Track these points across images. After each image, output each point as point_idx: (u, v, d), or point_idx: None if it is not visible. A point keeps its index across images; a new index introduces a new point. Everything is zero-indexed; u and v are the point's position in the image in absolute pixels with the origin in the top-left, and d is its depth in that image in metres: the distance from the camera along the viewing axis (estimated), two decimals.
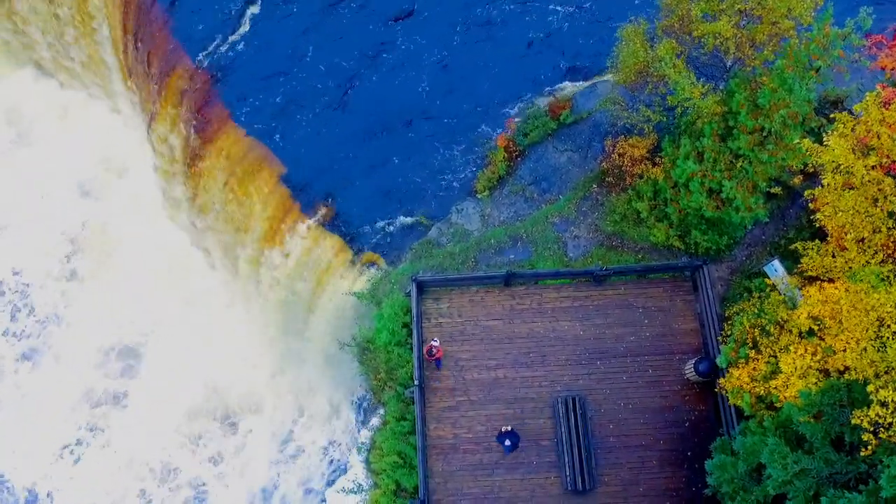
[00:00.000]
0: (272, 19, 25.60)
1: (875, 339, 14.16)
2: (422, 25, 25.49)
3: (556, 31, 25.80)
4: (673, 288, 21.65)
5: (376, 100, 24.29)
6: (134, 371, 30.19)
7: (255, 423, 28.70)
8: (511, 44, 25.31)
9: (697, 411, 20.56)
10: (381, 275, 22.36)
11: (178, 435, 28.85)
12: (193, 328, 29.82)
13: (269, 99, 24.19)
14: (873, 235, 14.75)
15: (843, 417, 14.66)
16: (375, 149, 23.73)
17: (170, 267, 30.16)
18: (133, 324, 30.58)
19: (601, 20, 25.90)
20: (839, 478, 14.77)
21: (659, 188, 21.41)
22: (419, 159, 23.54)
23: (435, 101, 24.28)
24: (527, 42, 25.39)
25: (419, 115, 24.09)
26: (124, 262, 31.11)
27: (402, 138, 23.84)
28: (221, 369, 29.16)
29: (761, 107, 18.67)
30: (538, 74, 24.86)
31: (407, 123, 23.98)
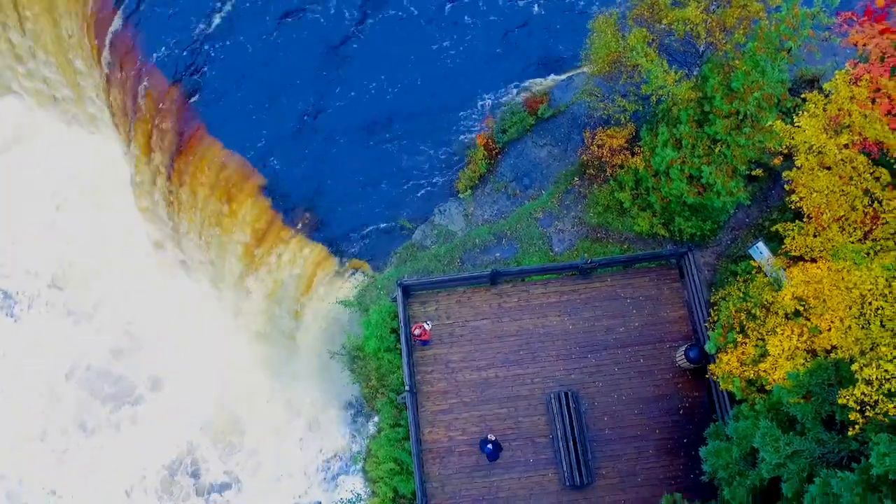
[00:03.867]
0: (241, 31, 25.42)
1: (859, 317, 14.12)
2: (391, 28, 25.37)
3: (530, 26, 25.71)
4: (659, 276, 21.61)
5: (351, 106, 24.18)
6: (120, 397, 30.00)
7: (248, 441, 28.57)
8: (484, 41, 25.21)
9: (691, 398, 20.54)
10: (366, 281, 22.29)
11: (175, 462, 28.76)
12: (178, 345, 29.68)
13: (244, 110, 24.06)
14: (851, 213, 14.72)
15: (832, 397, 14.62)
16: (354, 154, 23.63)
17: (153, 287, 30.01)
18: (114, 347, 30.34)
19: (573, 12, 25.84)
20: (831, 457, 14.75)
21: (640, 177, 21.35)
22: (398, 163, 23.46)
23: (410, 103, 24.18)
24: (500, 38, 25.29)
25: (395, 118, 23.99)
26: (103, 286, 30.91)
27: (380, 142, 23.76)
28: (211, 387, 29.00)
29: (735, 90, 18.61)
30: (513, 70, 24.76)
31: (383, 127, 23.88)
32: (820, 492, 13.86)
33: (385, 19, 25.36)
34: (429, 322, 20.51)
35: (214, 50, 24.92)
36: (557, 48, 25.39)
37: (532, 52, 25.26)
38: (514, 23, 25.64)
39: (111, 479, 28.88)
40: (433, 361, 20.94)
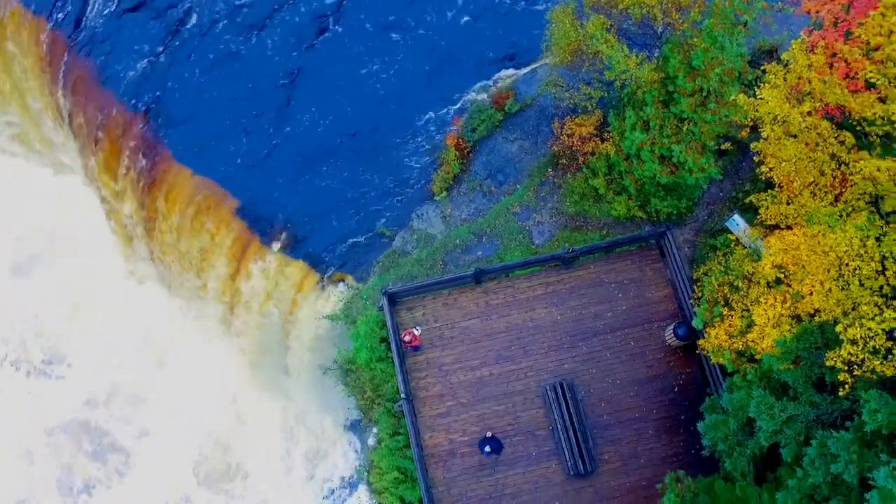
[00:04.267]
0: (197, 57, 25.24)
1: (838, 279, 14.35)
2: (353, 41, 25.33)
3: (489, 22, 25.80)
4: (641, 258, 21.79)
5: (317, 120, 24.09)
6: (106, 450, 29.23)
7: (249, 466, 28.20)
8: (444, 43, 25.26)
9: (684, 375, 20.73)
10: (351, 293, 22.19)
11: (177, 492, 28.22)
12: (162, 385, 29.04)
13: (209, 135, 23.87)
14: (820, 178, 14.96)
15: (820, 359, 14.86)
16: (326, 168, 23.54)
17: (136, 318, 29.52)
18: (94, 397, 29.53)
19: (531, 4, 25.97)
20: (826, 418, 14.98)
21: (612, 162, 21.52)
22: (371, 171, 23.42)
23: (377, 111, 24.16)
24: (460, 38, 25.36)
25: (364, 128, 23.95)
26: (89, 321, 30.32)
27: (350, 153, 23.70)
28: (202, 424, 28.48)
29: (697, 68, 18.84)
30: (477, 68, 24.84)
31: (353, 139, 23.82)
32: (818, 453, 14.07)
33: (346, 33, 25.33)
34: (418, 327, 20.48)
35: (172, 78, 24.70)
36: (518, 43, 25.53)
37: (494, 49, 25.39)
38: (471, 23, 25.73)
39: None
40: (426, 366, 20.91)
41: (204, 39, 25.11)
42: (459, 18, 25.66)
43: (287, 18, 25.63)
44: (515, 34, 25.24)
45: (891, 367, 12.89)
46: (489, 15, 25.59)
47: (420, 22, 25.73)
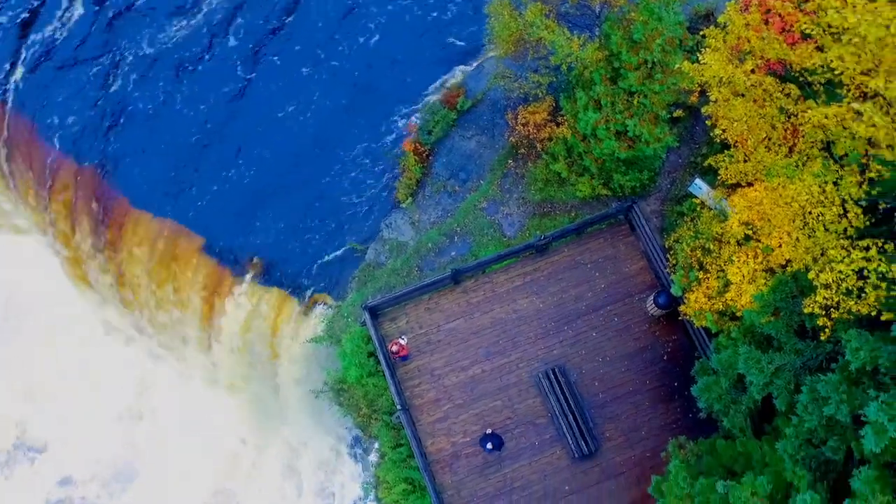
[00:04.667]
0: (139, 95, 24.87)
1: (803, 228, 14.70)
2: (290, 62, 25.21)
3: (429, 25, 25.88)
4: (612, 235, 22.03)
5: (270, 144, 23.93)
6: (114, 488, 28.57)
7: (255, 499, 27.80)
8: (386, 51, 25.27)
9: (671, 342, 21.02)
10: (331, 312, 22.02)
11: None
12: (156, 436, 28.39)
13: (162, 175, 23.55)
14: (772, 133, 15.30)
15: (798, 308, 15.19)
16: (287, 191, 23.37)
17: (114, 377, 28.75)
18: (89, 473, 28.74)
19: (466, 6, 26.11)
20: (811, 363, 15.31)
21: (570, 145, 21.71)
22: (333, 189, 23.31)
23: (329, 130, 24.08)
24: (402, 44, 25.39)
25: (318, 146, 23.85)
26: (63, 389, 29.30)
27: (309, 175, 23.56)
28: (203, 467, 27.92)
29: (638, 41, 19.09)
30: (423, 71, 24.90)
31: (309, 160, 23.69)
32: (809, 398, 14.38)
33: (287, 57, 25.22)
34: (403, 337, 20.41)
35: (115, 125, 24.30)
36: (461, 40, 25.66)
37: (437, 51, 25.49)
38: (412, 28, 25.79)
39: None
40: (417, 374, 20.85)
41: (141, 84, 24.84)
42: (403, 28, 25.74)
43: (224, 53, 25.48)
44: (457, 34, 25.36)
45: (865, 305, 13.24)
46: (430, 20, 25.68)
47: (363, 36, 25.74)
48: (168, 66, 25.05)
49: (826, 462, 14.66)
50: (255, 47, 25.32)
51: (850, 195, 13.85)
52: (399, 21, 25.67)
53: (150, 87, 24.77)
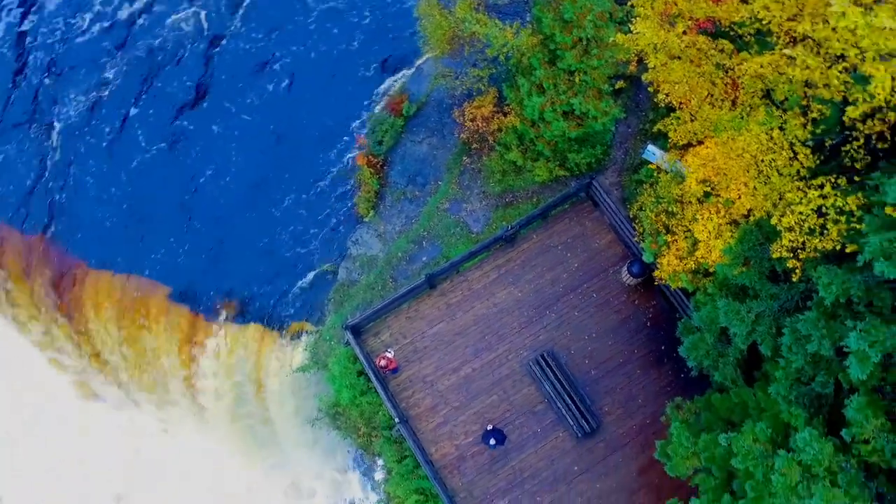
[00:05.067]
0: (78, 157, 24.27)
1: (758, 176, 15.04)
2: (230, 98, 24.92)
3: (360, 38, 25.82)
4: (577, 214, 22.25)
5: (220, 182, 23.65)
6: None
7: None
8: (322, 70, 25.14)
9: (651, 308, 21.33)
10: (314, 339, 21.78)
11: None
12: (159, 478, 27.68)
13: (115, 231, 23.05)
14: (713, 89, 15.63)
15: (767, 254, 15.55)
16: (246, 227, 23.09)
17: (102, 445, 27.76)
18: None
19: (396, 7, 26.11)
20: (788, 305, 15.70)
21: (521, 133, 21.86)
22: (293, 218, 23.10)
23: (279, 158, 23.89)
24: (336, 61, 25.29)
25: (271, 180, 23.61)
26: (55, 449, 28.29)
27: (266, 209, 23.35)
28: None
29: (570, 20, 19.32)
30: (363, 84, 24.83)
31: (263, 193, 23.46)
32: (792, 339, 14.76)
33: (226, 91, 24.96)
34: (390, 350, 20.28)
35: (57, 188, 23.69)
36: (395, 47, 25.66)
37: (373, 62, 25.45)
38: (343, 43, 25.70)
39: None
40: (410, 384, 20.76)
41: (76, 141, 24.28)
42: (336, 46, 25.66)
43: (166, 88, 25.02)
44: (391, 40, 25.37)
45: (829, 241, 13.62)
46: (362, 32, 25.65)
47: (303, 55, 25.58)
48: (97, 131, 24.55)
49: (818, 397, 15.06)
50: (196, 95, 25.01)
51: (797, 137, 14.23)
52: (327, 43, 25.64)
53: (90, 145, 24.25)
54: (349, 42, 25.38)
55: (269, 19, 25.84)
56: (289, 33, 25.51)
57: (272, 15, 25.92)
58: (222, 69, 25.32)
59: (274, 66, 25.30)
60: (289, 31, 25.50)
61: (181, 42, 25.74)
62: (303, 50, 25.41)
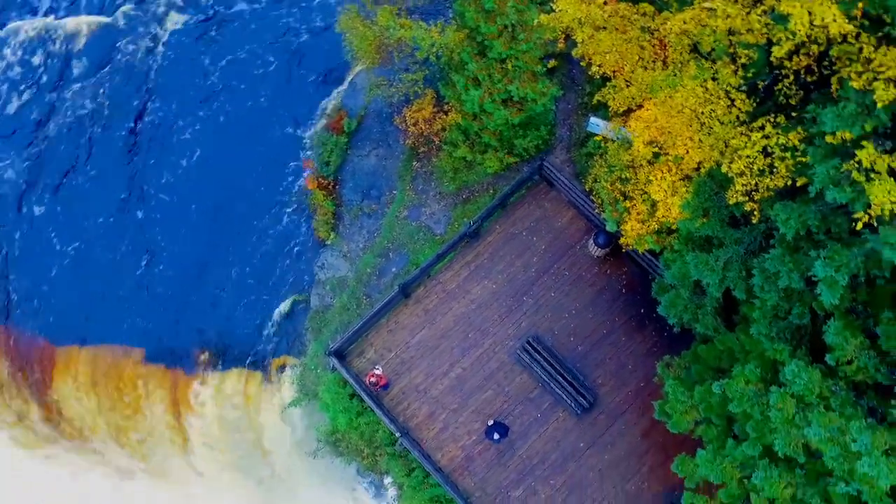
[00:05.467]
0: (18, 233, 23.47)
1: (701, 129, 15.41)
2: (166, 144, 24.45)
3: (288, 62, 25.58)
4: (535, 197, 22.45)
5: (171, 232, 23.17)
6: None
7: None
8: (256, 98, 24.83)
9: (624, 275, 21.66)
10: (299, 371, 21.49)
11: None
12: None
13: (73, 301, 22.37)
14: (643, 52, 15.96)
15: (723, 202, 15.95)
16: (205, 274, 22.72)
17: None
18: None
19: (317, 25, 25.94)
20: (753, 247, 16.14)
21: (465, 128, 21.94)
22: (253, 256, 22.86)
23: (228, 193, 23.46)
24: (268, 88, 25.00)
25: (224, 214, 23.27)
26: None
27: (224, 252, 22.99)
28: None
29: (492, 10, 19.44)
30: (298, 111, 24.62)
31: (217, 238, 23.11)
32: (762, 279, 15.18)
33: (160, 138, 24.49)
34: (377, 367, 20.14)
35: (10, 264, 22.80)
36: (324, 65, 25.49)
37: (305, 83, 25.25)
38: (271, 69, 25.44)
39: None
40: (403, 396, 20.65)
41: (12, 215, 23.44)
42: (259, 85, 25.41)
43: (105, 139, 24.44)
44: (319, 63, 25.21)
45: (779, 178, 14.04)
46: (284, 63, 25.44)
47: (224, 93, 25.21)
48: (48, 185, 23.81)
49: (797, 329, 15.53)
50: (140, 135, 24.41)
51: (731, 85, 14.61)
52: (258, 73, 25.37)
53: (30, 216, 23.47)
54: (272, 78, 25.16)
55: (171, 88, 25.32)
56: (205, 93, 25.04)
57: (174, 83, 25.38)
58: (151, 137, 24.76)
59: (197, 128, 24.80)
60: (204, 92, 25.04)
61: (83, 126, 24.97)
62: (227, 101, 25.05)
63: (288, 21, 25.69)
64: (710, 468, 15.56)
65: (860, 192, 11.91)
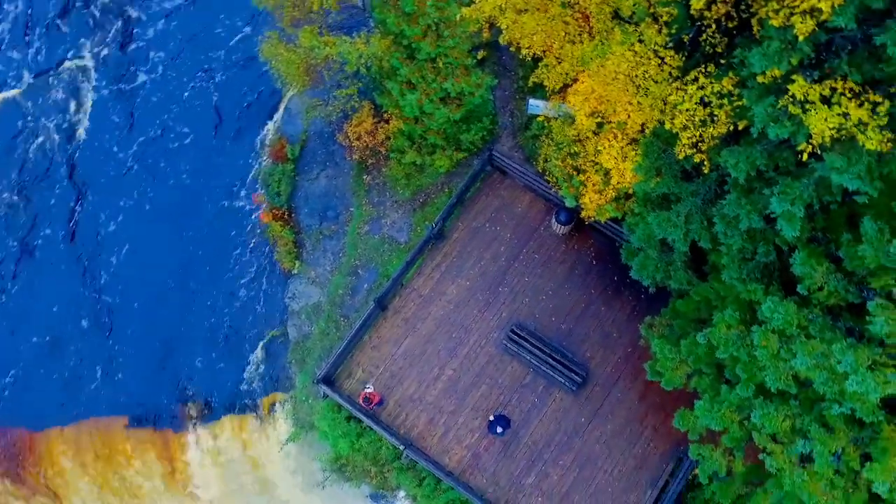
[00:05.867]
0: None
1: (638, 91, 15.67)
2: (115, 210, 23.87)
3: (221, 99, 25.21)
4: (490, 188, 22.52)
5: (135, 290, 22.57)
6: None
7: None
8: (191, 155, 24.45)
9: (591, 247, 21.91)
10: (290, 405, 21.18)
11: None
12: None
13: (46, 383, 21.67)
14: (567, 28, 16.15)
15: (672, 157, 16.24)
16: (178, 332, 22.27)
17: None
18: None
19: (237, 62, 25.63)
20: (709, 196, 16.47)
21: (408, 133, 21.90)
22: (221, 302, 22.54)
23: (186, 249, 23.07)
24: (208, 133, 24.64)
25: (186, 271, 22.86)
26: None
27: (190, 305, 22.54)
28: None
29: (412, 12, 19.48)
30: (236, 151, 24.28)
31: (180, 285, 22.66)
32: (723, 225, 15.51)
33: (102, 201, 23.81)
34: (368, 385, 19.97)
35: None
36: (253, 102, 25.20)
37: (238, 121, 24.90)
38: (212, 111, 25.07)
39: None
40: (399, 408, 20.52)
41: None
42: (208, 112, 24.99)
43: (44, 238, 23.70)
44: (247, 92, 24.87)
45: (721, 125, 14.36)
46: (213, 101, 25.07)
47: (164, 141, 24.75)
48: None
49: (766, 267, 15.92)
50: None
51: (658, 44, 14.88)
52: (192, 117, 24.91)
53: None
54: (199, 132, 24.75)
55: (79, 180, 24.65)
56: (130, 177, 24.50)
57: (84, 173, 24.71)
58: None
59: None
60: (128, 177, 24.49)
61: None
62: (166, 162, 24.60)
63: (205, 65, 25.30)
64: (709, 417, 15.84)
65: (799, 124, 12.24)
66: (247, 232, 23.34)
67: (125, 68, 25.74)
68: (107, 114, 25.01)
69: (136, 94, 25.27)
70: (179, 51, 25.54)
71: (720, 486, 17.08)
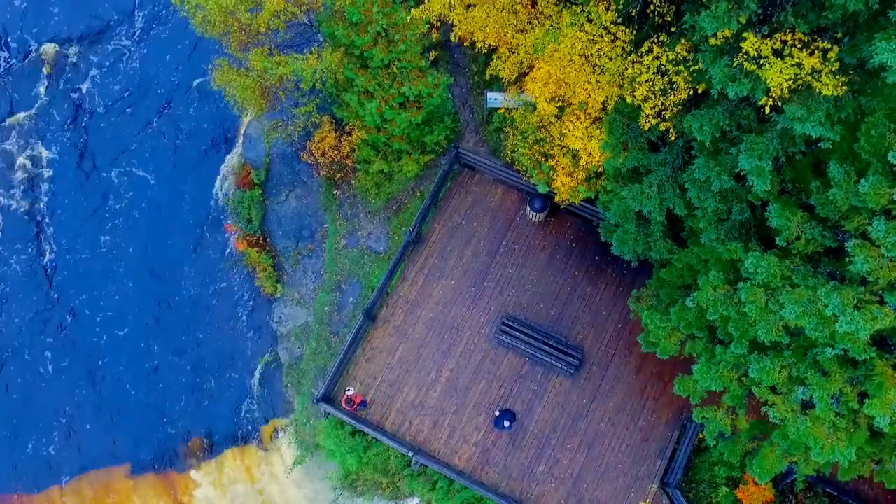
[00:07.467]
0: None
1: (594, 70, 15.86)
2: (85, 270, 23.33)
3: (177, 135, 24.81)
4: (462, 185, 22.58)
5: (116, 331, 22.04)
6: None
7: None
8: (160, 187, 24.03)
9: (569, 230, 22.08)
10: (292, 429, 20.92)
11: None
12: None
13: (37, 445, 21.00)
14: (516, 17, 16.28)
15: (637, 130, 16.47)
16: (165, 371, 21.78)
17: None
18: None
19: (195, 95, 25.29)
20: (678, 163, 16.72)
21: (372, 142, 21.82)
22: (207, 337, 22.18)
23: (163, 293, 22.64)
24: (169, 172, 24.29)
25: (165, 313, 22.40)
26: None
27: (175, 345, 22.12)
28: None
29: (360, 21, 19.40)
30: (200, 178, 23.98)
31: (162, 327, 22.27)
32: (696, 189, 15.77)
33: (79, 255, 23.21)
34: (349, 388, 19.84)
35: None
36: (211, 135, 24.91)
37: (198, 154, 24.58)
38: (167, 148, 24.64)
39: None
40: (402, 416, 20.42)
41: None
42: (184, 152, 24.60)
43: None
44: (208, 133, 24.56)
45: (681, 91, 14.60)
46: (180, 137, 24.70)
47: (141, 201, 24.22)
48: None
49: (742, 225, 16.21)
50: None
51: (607, 20, 15.10)
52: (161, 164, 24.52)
53: None
54: (160, 166, 24.41)
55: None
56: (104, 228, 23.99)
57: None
58: None
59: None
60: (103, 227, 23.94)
61: None
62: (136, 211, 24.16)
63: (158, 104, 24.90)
64: (708, 379, 16.04)
65: (756, 80, 12.51)
66: (224, 263, 23.03)
67: (77, 117, 25.23)
68: (64, 169, 24.48)
69: (90, 144, 24.78)
70: (129, 93, 25.14)
71: (727, 446, 17.31)
